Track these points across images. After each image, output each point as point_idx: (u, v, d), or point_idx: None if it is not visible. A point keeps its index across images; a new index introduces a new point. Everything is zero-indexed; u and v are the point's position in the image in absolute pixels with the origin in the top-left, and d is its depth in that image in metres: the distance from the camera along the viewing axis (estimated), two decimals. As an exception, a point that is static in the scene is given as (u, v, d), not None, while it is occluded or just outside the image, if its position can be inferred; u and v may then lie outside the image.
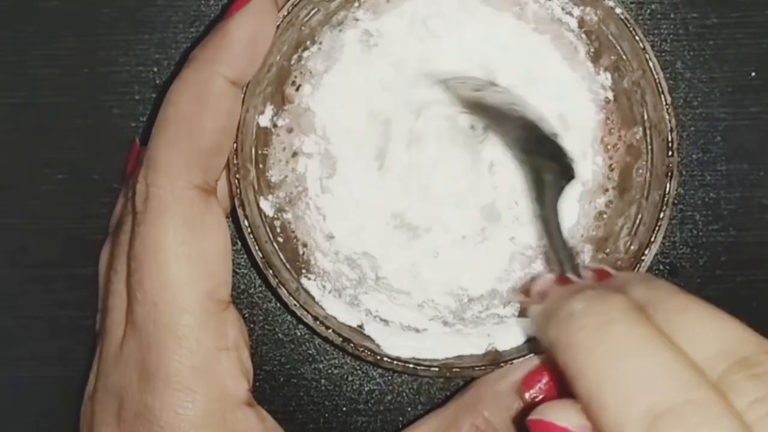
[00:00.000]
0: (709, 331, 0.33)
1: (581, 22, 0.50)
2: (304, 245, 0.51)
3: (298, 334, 0.56)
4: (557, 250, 0.44)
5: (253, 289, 0.56)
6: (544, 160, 0.47)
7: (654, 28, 0.56)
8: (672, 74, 0.56)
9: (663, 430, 0.30)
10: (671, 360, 0.31)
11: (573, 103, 0.51)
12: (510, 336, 0.49)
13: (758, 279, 0.56)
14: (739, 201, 0.56)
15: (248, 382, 0.46)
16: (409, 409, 0.56)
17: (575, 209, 0.51)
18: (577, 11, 0.50)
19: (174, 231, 0.44)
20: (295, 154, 0.51)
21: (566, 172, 0.48)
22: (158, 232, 0.44)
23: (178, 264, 0.44)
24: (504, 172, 0.51)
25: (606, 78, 0.51)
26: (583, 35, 0.51)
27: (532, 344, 0.47)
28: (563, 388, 0.35)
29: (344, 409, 0.56)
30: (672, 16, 0.56)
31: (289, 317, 0.56)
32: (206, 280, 0.44)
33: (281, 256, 0.49)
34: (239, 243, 0.56)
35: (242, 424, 0.45)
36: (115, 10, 0.56)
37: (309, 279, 0.50)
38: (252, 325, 0.56)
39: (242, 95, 0.47)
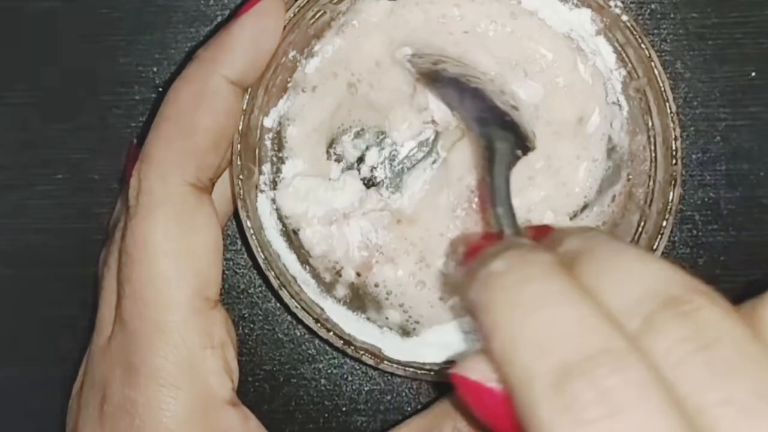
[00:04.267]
0: (637, 274, 0.32)
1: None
2: (306, 246, 0.51)
3: (298, 334, 0.56)
4: (499, 215, 0.44)
5: (253, 289, 0.56)
6: (497, 130, 0.47)
7: (654, 28, 0.56)
8: (672, 74, 0.56)
9: (571, 380, 0.29)
10: (586, 313, 0.31)
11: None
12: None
13: (758, 279, 0.56)
14: (739, 201, 0.56)
15: (233, 381, 0.46)
16: (409, 409, 0.56)
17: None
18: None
19: (163, 226, 0.44)
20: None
21: (522, 144, 0.47)
22: (148, 227, 0.44)
23: (166, 260, 0.44)
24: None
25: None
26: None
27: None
28: None
29: (344, 409, 0.56)
30: (672, 16, 0.56)
31: (288, 317, 0.56)
32: (194, 277, 0.44)
33: (283, 258, 0.49)
34: (239, 243, 0.56)
35: (225, 423, 0.45)
36: (115, 10, 0.56)
37: (310, 280, 0.50)
38: (252, 325, 0.56)
39: (246, 96, 0.47)
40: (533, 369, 0.30)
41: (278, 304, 0.56)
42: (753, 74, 0.56)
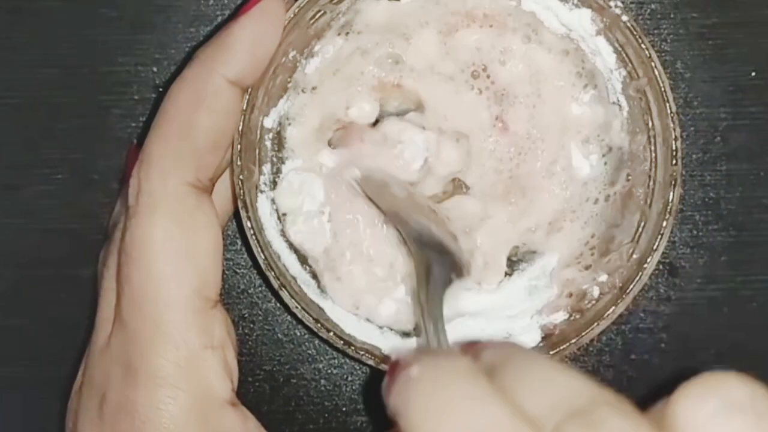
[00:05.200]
0: (547, 385, 0.32)
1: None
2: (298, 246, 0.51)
3: (298, 334, 0.56)
4: (429, 331, 0.44)
5: (253, 289, 0.56)
6: (434, 254, 0.48)
7: (654, 28, 0.56)
8: (672, 74, 0.56)
9: None
10: (503, 415, 0.30)
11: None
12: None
13: (758, 279, 0.56)
14: (739, 201, 0.56)
15: (232, 381, 0.46)
16: (409, 408, 0.56)
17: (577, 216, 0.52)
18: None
19: (163, 227, 0.44)
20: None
21: (455, 268, 0.48)
22: (147, 227, 0.44)
23: (165, 260, 0.44)
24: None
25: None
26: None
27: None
28: None
29: (344, 409, 0.56)
30: (672, 16, 0.56)
31: (288, 317, 0.56)
32: (194, 277, 0.44)
33: (283, 258, 0.49)
34: (239, 243, 0.56)
35: (225, 423, 0.45)
36: (114, 10, 0.56)
37: (311, 280, 0.50)
38: (252, 325, 0.56)
39: (246, 97, 0.47)
40: None
41: (278, 304, 0.56)
42: (753, 74, 0.56)
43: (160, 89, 0.56)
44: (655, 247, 0.47)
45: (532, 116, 0.51)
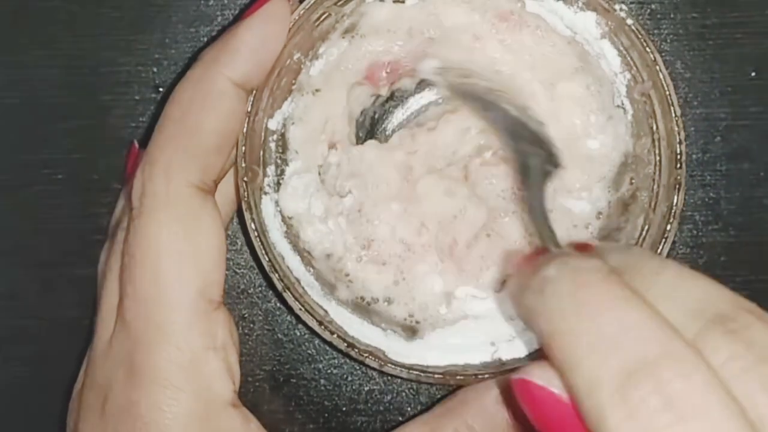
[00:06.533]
0: (685, 290, 0.33)
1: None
2: (309, 248, 0.51)
3: (298, 334, 0.56)
4: (540, 229, 0.44)
5: (253, 289, 0.56)
6: (529, 146, 0.48)
7: (654, 28, 0.56)
8: (672, 74, 0.56)
9: (636, 385, 0.29)
10: (645, 318, 0.31)
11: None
12: (515, 346, 0.49)
13: (758, 279, 0.56)
14: (739, 201, 0.56)
15: (234, 383, 0.46)
16: (409, 409, 0.56)
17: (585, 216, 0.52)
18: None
19: (167, 228, 0.44)
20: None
21: (551, 159, 0.48)
22: (152, 228, 0.44)
23: (169, 261, 0.44)
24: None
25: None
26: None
27: (536, 355, 0.48)
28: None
29: (344, 409, 0.56)
30: (672, 16, 0.57)
31: (289, 317, 0.56)
32: (198, 278, 0.44)
33: (287, 260, 0.49)
34: (239, 242, 0.56)
35: (226, 424, 0.45)
36: (115, 10, 0.56)
37: (314, 282, 0.50)
38: (252, 325, 0.56)
39: (251, 98, 0.47)
40: (596, 373, 0.30)
41: (278, 304, 0.56)
42: (753, 74, 0.56)
43: (161, 89, 0.56)
44: (659, 251, 0.47)
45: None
